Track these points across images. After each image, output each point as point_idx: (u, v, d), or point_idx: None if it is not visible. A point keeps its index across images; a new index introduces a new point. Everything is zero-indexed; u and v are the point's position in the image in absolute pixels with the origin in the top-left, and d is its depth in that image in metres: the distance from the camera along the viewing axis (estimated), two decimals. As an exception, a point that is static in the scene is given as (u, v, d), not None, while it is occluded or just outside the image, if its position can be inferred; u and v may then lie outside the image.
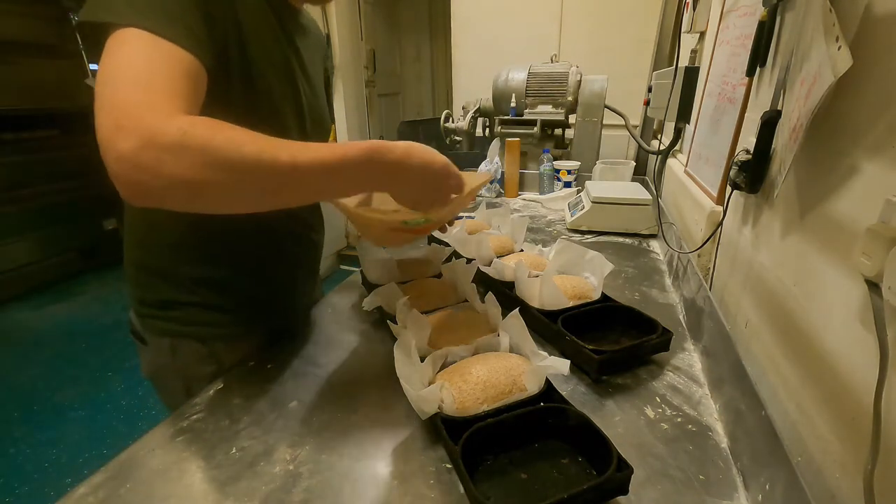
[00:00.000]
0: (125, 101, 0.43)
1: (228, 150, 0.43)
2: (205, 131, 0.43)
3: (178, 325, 0.72)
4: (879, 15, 0.48)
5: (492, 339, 0.67)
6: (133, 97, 0.43)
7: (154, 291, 0.72)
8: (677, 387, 0.67)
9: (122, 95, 0.43)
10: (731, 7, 1.07)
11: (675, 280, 1.01)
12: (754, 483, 0.48)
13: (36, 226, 3.27)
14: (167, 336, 0.73)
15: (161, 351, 0.73)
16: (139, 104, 0.43)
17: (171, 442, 0.57)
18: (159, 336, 0.73)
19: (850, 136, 0.51)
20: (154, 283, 0.71)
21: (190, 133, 0.43)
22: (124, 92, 0.44)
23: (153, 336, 0.74)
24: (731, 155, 0.92)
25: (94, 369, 2.35)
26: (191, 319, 0.72)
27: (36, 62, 3.34)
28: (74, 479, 1.66)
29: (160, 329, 0.73)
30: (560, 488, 0.48)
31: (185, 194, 0.45)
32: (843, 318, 0.48)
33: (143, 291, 0.73)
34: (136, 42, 0.47)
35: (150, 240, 0.70)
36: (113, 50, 0.46)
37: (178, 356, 0.73)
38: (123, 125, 0.42)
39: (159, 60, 0.47)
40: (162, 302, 0.71)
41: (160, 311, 0.72)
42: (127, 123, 0.42)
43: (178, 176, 0.42)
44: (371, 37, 3.72)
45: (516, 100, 1.87)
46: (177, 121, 0.43)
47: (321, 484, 0.51)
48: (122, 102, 0.43)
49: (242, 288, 0.75)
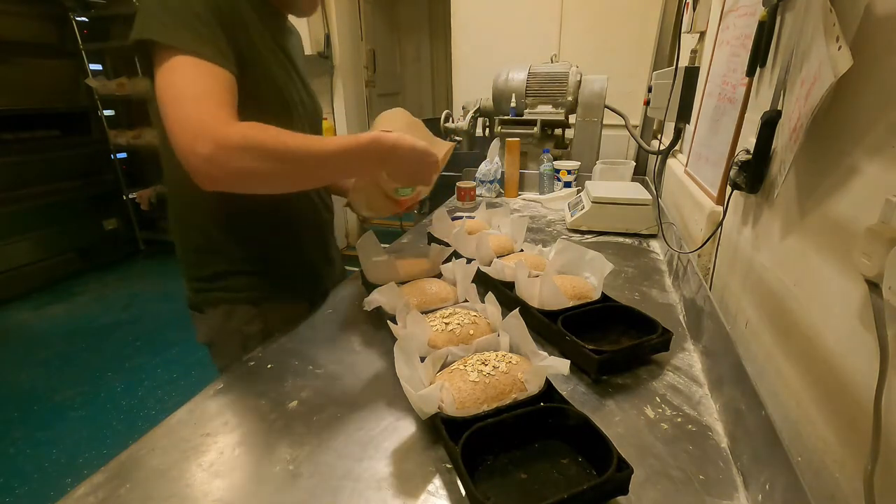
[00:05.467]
0: (193, 116, 0.59)
1: (276, 145, 0.61)
2: (258, 133, 0.61)
3: (231, 292, 0.86)
4: (879, 15, 0.48)
5: (492, 339, 0.67)
6: (198, 113, 0.59)
7: (207, 267, 0.86)
8: (677, 387, 0.67)
9: (189, 112, 0.59)
10: (730, 7, 1.07)
11: (675, 280, 1.01)
12: (754, 483, 0.48)
13: (36, 226, 3.27)
14: (222, 303, 0.87)
15: (217, 317, 0.87)
16: (204, 117, 0.59)
17: (172, 441, 0.57)
18: (215, 305, 0.87)
19: (850, 136, 0.51)
20: (206, 260, 0.85)
21: (248, 135, 0.60)
22: (190, 109, 0.60)
23: (209, 305, 0.87)
24: (731, 155, 0.92)
25: (94, 369, 2.35)
26: (240, 287, 0.86)
27: (36, 62, 3.34)
28: (74, 479, 1.66)
29: (215, 298, 0.87)
30: (560, 488, 0.48)
31: (249, 180, 0.62)
32: (843, 318, 0.48)
33: (198, 269, 0.86)
34: (184, 67, 0.62)
35: (199, 226, 0.84)
36: (167, 74, 0.62)
37: (233, 319, 0.87)
38: (198, 135, 0.58)
39: (206, 80, 0.62)
40: (215, 275, 0.85)
41: (214, 284, 0.86)
42: (201, 133, 0.58)
43: (245, 168, 0.60)
44: (371, 37, 3.72)
45: (516, 100, 1.87)
46: (236, 127, 0.60)
47: (321, 484, 0.51)
48: (191, 118, 0.59)
49: (278, 258, 0.89)
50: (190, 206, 0.83)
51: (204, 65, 0.62)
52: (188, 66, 0.62)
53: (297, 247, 0.92)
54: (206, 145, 0.58)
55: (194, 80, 0.61)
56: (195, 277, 0.87)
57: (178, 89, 0.61)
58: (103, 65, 3.78)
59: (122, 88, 3.47)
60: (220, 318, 0.87)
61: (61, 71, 3.48)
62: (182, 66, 0.62)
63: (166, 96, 0.61)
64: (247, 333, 0.87)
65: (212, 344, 0.91)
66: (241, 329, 0.87)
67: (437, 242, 1.11)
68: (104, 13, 3.43)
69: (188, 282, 0.88)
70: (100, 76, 3.63)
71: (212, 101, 0.61)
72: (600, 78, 1.82)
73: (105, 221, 3.69)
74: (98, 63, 3.71)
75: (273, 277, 0.88)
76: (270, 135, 0.61)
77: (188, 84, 0.61)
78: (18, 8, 3.22)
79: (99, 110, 3.60)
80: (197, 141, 0.58)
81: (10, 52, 3.15)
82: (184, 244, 0.87)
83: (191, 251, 0.86)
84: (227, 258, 0.85)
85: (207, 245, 0.84)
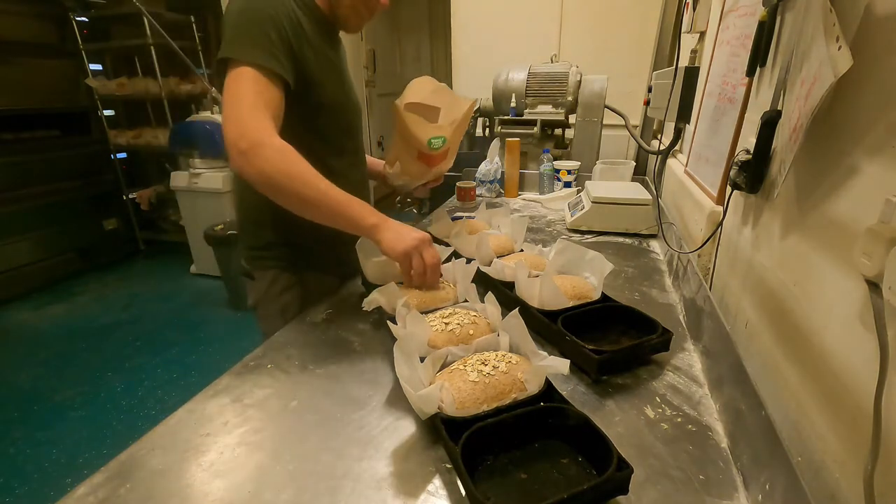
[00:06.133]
0: (245, 118, 0.75)
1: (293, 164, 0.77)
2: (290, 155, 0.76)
3: (277, 261, 1.01)
4: (879, 15, 0.48)
5: (492, 339, 0.67)
6: (249, 117, 0.75)
7: (260, 238, 1.01)
8: (677, 387, 0.67)
9: (242, 113, 0.75)
10: (731, 7, 1.07)
11: (675, 280, 1.01)
12: (754, 483, 0.48)
13: (36, 226, 3.26)
14: (269, 269, 1.02)
15: (264, 282, 1.02)
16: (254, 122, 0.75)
17: (172, 441, 0.57)
18: (263, 270, 1.02)
19: (850, 136, 0.51)
20: (259, 232, 1.01)
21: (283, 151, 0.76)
22: (243, 112, 0.75)
23: (259, 271, 1.02)
24: (731, 155, 0.92)
25: (94, 369, 2.35)
26: (285, 256, 1.01)
27: (36, 62, 3.34)
28: (74, 479, 1.65)
29: (264, 265, 1.02)
30: (560, 488, 0.48)
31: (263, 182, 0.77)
32: (843, 318, 0.48)
33: (254, 239, 1.02)
34: (246, 78, 0.77)
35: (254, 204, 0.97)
36: (234, 81, 0.77)
37: (276, 285, 1.01)
38: (244, 134, 0.74)
39: (259, 91, 0.77)
40: (266, 244, 1.01)
41: (264, 252, 1.01)
42: (246, 133, 0.74)
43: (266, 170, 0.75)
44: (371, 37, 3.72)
45: (516, 100, 1.87)
46: (276, 140, 0.76)
47: (321, 484, 0.51)
48: (242, 118, 0.75)
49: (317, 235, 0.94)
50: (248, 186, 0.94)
51: (262, 79, 0.77)
52: (250, 79, 0.77)
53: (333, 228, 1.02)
54: (246, 143, 0.74)
55: (252, 91, 0.77)
56: (250, 246, 1.03)
57: (238, 94, 0.76)
58: (103, 65, 3.78)
59: (122, 88, 3.47)
60: (266, 284, 1.02)
61: (61, 71, 3.47)
62: (245, 78, 0.77)
63: (228, 97, 0.77)
64: (286, 299, 1.02)
65: (257, 307, 1.05)
66: (282, 294, 1.02)
67: (437, 242, 1.11)
68: (104, 13, 3.43)
69: (244, 251, 1.05)
70: (100, 76, 3.63)
71: (260, 111, 0.76)
72: (600, 78, 1.82)
73: (105, 221, 3.68)
74: (98, 63, 3.72)
75: (312, 251, 1.02)
76: (298, 162, 0.77)
77: (246, 93, 0.76)
78: (18, 8, 3.21)
79: (99, 110, 3.59)
80: (241, 139, 0.74)
81: (10, 52, 3.15)
82: (242, 218, 1.04)
83: (248, 223, 1.02)
84: (276, 231, 1.00)
85: (260, 219, 0.99)
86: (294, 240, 1.00)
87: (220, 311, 2.94)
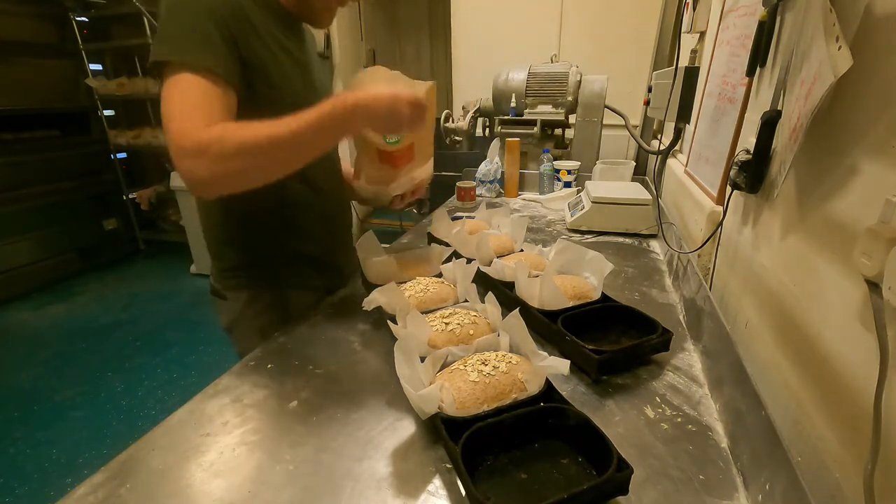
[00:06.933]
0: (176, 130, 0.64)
1: (248, 138, 0.64)
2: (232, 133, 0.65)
3: (251, 280, 0.92)
4: (879, 15, 0.48)
5: (492, 339, 0.67)
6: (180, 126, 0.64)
7: (229, 259, 0.92)
8: (677, 387, 0.67)
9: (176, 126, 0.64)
10: (731, 7, 1.07)
11: (675, 280, 1.01)
12: (754, 483, 0.48)
13: (36, 226, 3.26)
14: (243, 290, 0.92)
15: (238, 303, 0.92)
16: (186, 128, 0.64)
17: (172, 441, 0.57)
18: (237, 290, 0.92)
19: (850, 136, 0.51)
20: (228, 252, 0.92)
21: (223, 137, 0.64)
22: (176, 124, 0.64)
23: (232, 291, 0.93)
24: (731, 155, 0.92)
25: (94, 369, 2.35)
26: (259, 276, 0.92)
27: (36, 62, 3.34)
28: (74, 479, 1.66)
29: (236, 285, 0.92)
30: (560, 488, 0.48)
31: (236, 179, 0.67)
32: (843, 318, 0.48)
33: (221, 260, 0.93)
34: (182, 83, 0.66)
35: (219, 222, 0.91)
36: (169, 90, 0.66)
37: (252, 306, 0.92)
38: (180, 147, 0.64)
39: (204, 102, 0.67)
40: (236, 265, 0.92)
41: (235, 273, 0.92)
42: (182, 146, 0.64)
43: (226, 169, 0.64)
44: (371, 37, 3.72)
45: (516, 100, 1.87)
46: (209, 132, 0.64)
47: (321, 484, 0.51)
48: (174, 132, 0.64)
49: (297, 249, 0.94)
50: (210, 204, 0.91)
51: (204, 84, 0.67)
52: (186, 83, 0.66)
53: (309, 238, 0.95)
54: (187, 158, 0.64)
55: (188, 96, 0.66)
56: (219, 268, 0.94)
57: (172, 105, 0.66)
58: (103, 65, 3.78)
59: (122, 88, 3.47)
60: (241, 305, 0.93)
61: (61, 71, 3.47)
62: (181, 83, 0.66)
63: (164, 112, 0.66)
64: (264, 320, 0.92)
65: (231, 329, 0.96)
66: (259, 315, 0.93)
67: (437, 242, 1.11)
68: (104, 13, 3.43)
69: (213, 271, 0.96)
70: (100, 76, 3.63)
71: (198, 114, 0.65)
72: (600, 78, 1.82)
73: (105, 221, 3.68)
74: (98, 63, 3.72)
75: (289, 268, 0.94)
76: (243, 130, 0.65)
77: (182, 100, 0.66)
78: (18, 8, 3.21)
79: (99, 110, 3.60)
80: (181, 156, 0.64)
81: (10, 52, 3.15)
82: (209, 238, 0.94)
83: (215, 243, 0.94)
84: (246, 250, 0.92)
85: (228, 238, 0.92)
86: (266, 259, 0.92)
87: (220, 311, 2.93)
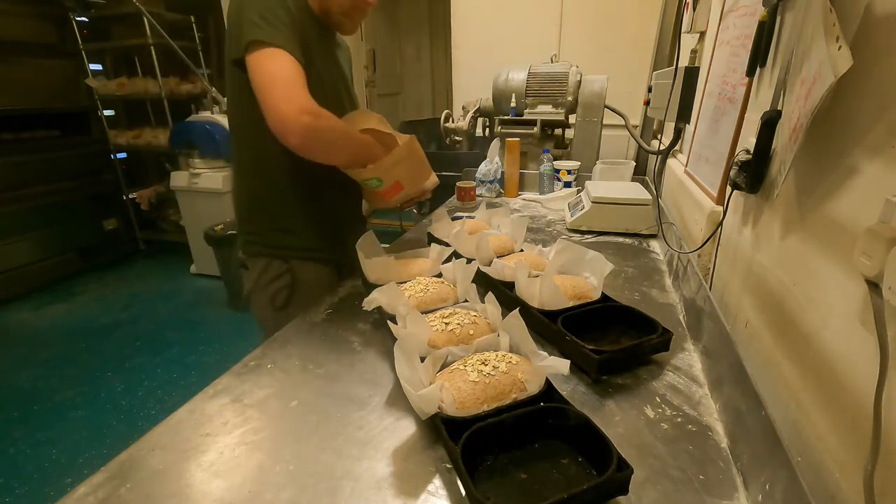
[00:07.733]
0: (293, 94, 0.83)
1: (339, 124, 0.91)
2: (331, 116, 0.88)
3: (268, 248, 1.05)
4: (879, 15, 0.48)
5: (492, 339, 0.67)
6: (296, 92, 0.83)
7: (253, 222, 1.06)
8: (677, 387, 0.67)
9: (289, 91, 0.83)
10: (731, 7, 1.07)
11: (675, 280, 1.01)
12: (754, 483, 0.48)
13: (36, 226, 3.26)
14: (261, 257, 1.06)
15: (255, 270, 1.06)
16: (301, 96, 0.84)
17: (172, 441, 0.57)
18: (255, 258, 1.06)
19: (850, 136, 0.51)
20: (253, 216, 1.06)
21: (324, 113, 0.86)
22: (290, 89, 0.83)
23: (252, 259, 1.07)
24: (731, 155, 0.92)
25: (94, 369, 2.35)
26: (275, 243, 1.05)
27: (36, 62, 3.34)
28: (74, 479, 1.66)
29: (256, 251, 1.06)
30: (560, 488, 0.48)
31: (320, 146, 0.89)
32: (843, 318, 0.48)
33: (247, 223, 1.07)
34: (279, 58, 0.84)
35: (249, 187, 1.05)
36: (267, 61, 0.84)
37: (266, 273, 1.05)
38: (303, 109, 0.82)
39: (293, 68, 0.85)
40: (259, 229, 1.06)
41: (256, 237, 1.06)
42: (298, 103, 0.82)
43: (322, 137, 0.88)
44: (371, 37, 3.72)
45: (516, 100, 1.87)
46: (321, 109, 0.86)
47: (321, 484, 0.51)
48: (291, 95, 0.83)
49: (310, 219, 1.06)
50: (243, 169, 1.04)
51: (291, 59, 0.84)
52: (282, 58, 0.84)
53: (329, 212, 1.09)
54: (307, 116, 0.82)
55: (288, 69, 0.84)
56: (245, 231, 1.07)
57: (276, 73, 0.83)
58: (103, 65, 3.78)
59: (122, 88, 3.47)
60: (258, 272, 1.06)
61: (61, 71, 3.48)
62: (278, 58, 0.83)
63: (266, 78, 0.83)
64: (276, 287, 1.05)
65: (250, 296, 1.09)
66: (272, 283, 1.05)
67: (437, 242, 1.11)
68: (104, 13, 3.43)
69: (241, 237, 1.09)
70: (100, 76, 3.63)
71: (299, 84, 0.84)
72: (600, 78, 1.82)
73: (105, 221, 3.68)
74: (98, 63, 3.72)
75: (304, 237, 1.06)
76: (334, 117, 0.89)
77: (283, 70, 0.83)
78: (18, 8, 3.22)
79: (99, 110, 3.59)
80: (297, 112, 0.82)
81: (10, 52, 3.16)
82: (238, 203, 1.08)
83: (244, 210, 1.07)
84: (269, 215, 1.04)
85: (254, 203, 1.05)
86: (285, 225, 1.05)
87: (220, 311, 2.94)
